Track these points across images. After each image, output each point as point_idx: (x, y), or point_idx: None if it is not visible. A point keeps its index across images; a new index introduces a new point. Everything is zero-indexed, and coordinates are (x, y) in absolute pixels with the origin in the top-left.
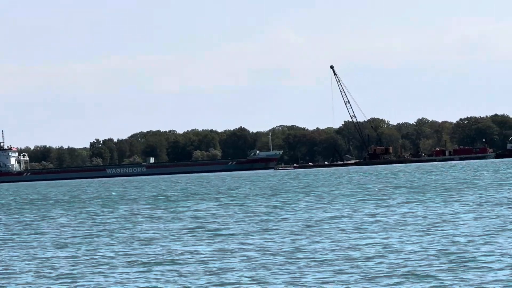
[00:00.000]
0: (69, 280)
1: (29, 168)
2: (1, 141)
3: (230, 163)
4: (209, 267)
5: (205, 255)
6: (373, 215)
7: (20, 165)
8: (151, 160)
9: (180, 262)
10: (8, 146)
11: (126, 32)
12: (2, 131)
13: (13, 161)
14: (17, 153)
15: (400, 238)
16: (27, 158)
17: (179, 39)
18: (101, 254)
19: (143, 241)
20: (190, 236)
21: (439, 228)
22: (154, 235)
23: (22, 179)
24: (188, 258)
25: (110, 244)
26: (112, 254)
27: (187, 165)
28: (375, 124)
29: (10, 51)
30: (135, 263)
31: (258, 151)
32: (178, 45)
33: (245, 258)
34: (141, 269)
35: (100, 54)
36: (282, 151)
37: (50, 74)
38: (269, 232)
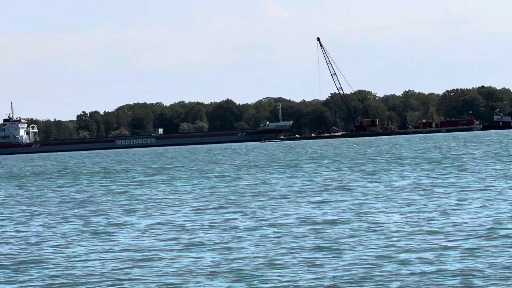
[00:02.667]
0: None
1: (38, 139)
2: (10, 112)
3: (240, 134)
4: None
5: None
6: None
7: (29, 137)
8: (161, 131)
9: None
10: (17, 118)
11: (115, 6)
12: (12, 103)
13: (22, 132)
14: (26, 125)
15: None
16: (36, 130)
17: (166, 14)
18: None
19: None
20: None
21: None
22: None
23: (31, 150)
24: None
25: None
26: None
27: (197, 136)
28: (362, 96)
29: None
30: None
31: (268, 122)
32: (166, 19)
33: None
34: None
35: (87, 26)
36: (291, 122)
37: (36, 45)
38: None
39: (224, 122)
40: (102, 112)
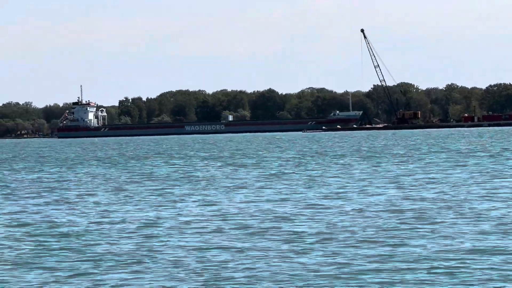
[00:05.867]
0: None
1: (106, 123)
2: (80, 96)
3: (310, 122)
4: None
5: None
6: None
7: (98, 120)
8: (230, 118)
9: None
10: (86, 101)
11: None
12: (81, 86)
13: (91, 116)
14: (95, 108)
15: None
16: (105, 114)
17: (211, 2)
18: None
19: None
20: None
21: None
22: None
23: (100, 134)
24: None
25: None
26: None
27: (267, 124)
28: (404, 88)
29: (39, 9)
30: None
31: (338, 112)
32: (211, 8)
33: None
34: None
35: (131, 13)
36: (362, 111)
37: (79, 31)
38: None
39: (266, 111)
40: (144, 99)
